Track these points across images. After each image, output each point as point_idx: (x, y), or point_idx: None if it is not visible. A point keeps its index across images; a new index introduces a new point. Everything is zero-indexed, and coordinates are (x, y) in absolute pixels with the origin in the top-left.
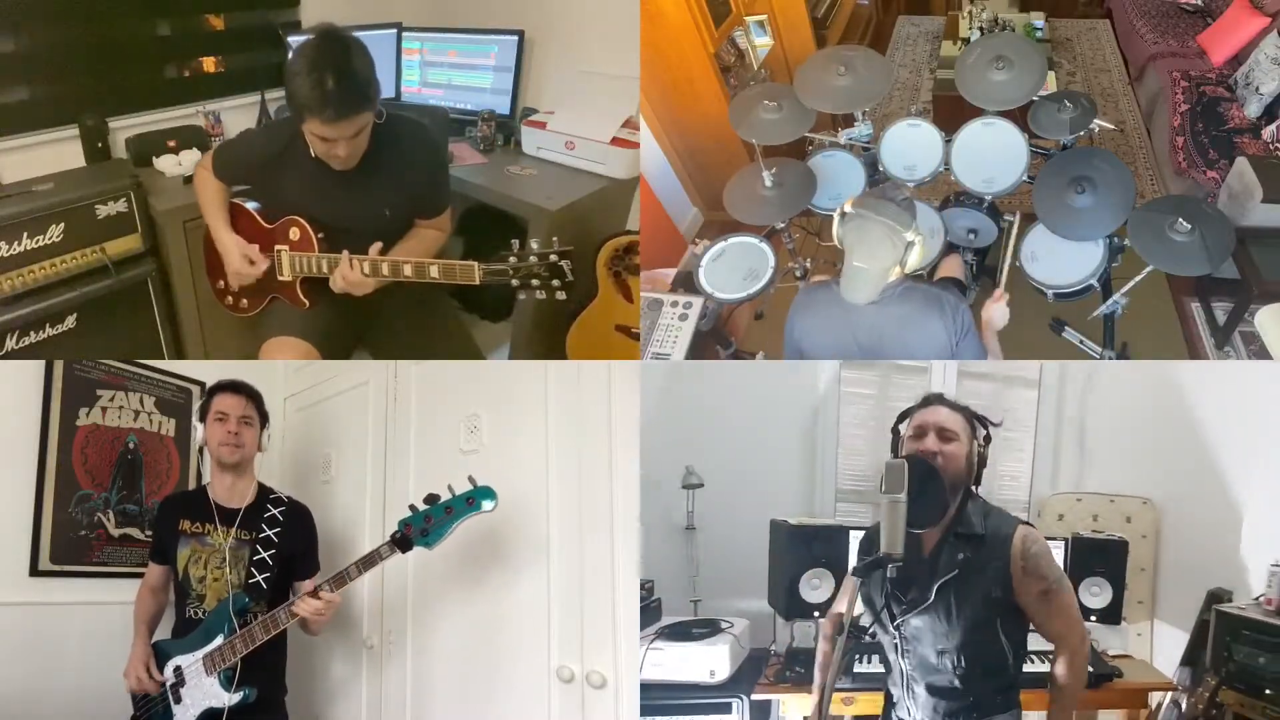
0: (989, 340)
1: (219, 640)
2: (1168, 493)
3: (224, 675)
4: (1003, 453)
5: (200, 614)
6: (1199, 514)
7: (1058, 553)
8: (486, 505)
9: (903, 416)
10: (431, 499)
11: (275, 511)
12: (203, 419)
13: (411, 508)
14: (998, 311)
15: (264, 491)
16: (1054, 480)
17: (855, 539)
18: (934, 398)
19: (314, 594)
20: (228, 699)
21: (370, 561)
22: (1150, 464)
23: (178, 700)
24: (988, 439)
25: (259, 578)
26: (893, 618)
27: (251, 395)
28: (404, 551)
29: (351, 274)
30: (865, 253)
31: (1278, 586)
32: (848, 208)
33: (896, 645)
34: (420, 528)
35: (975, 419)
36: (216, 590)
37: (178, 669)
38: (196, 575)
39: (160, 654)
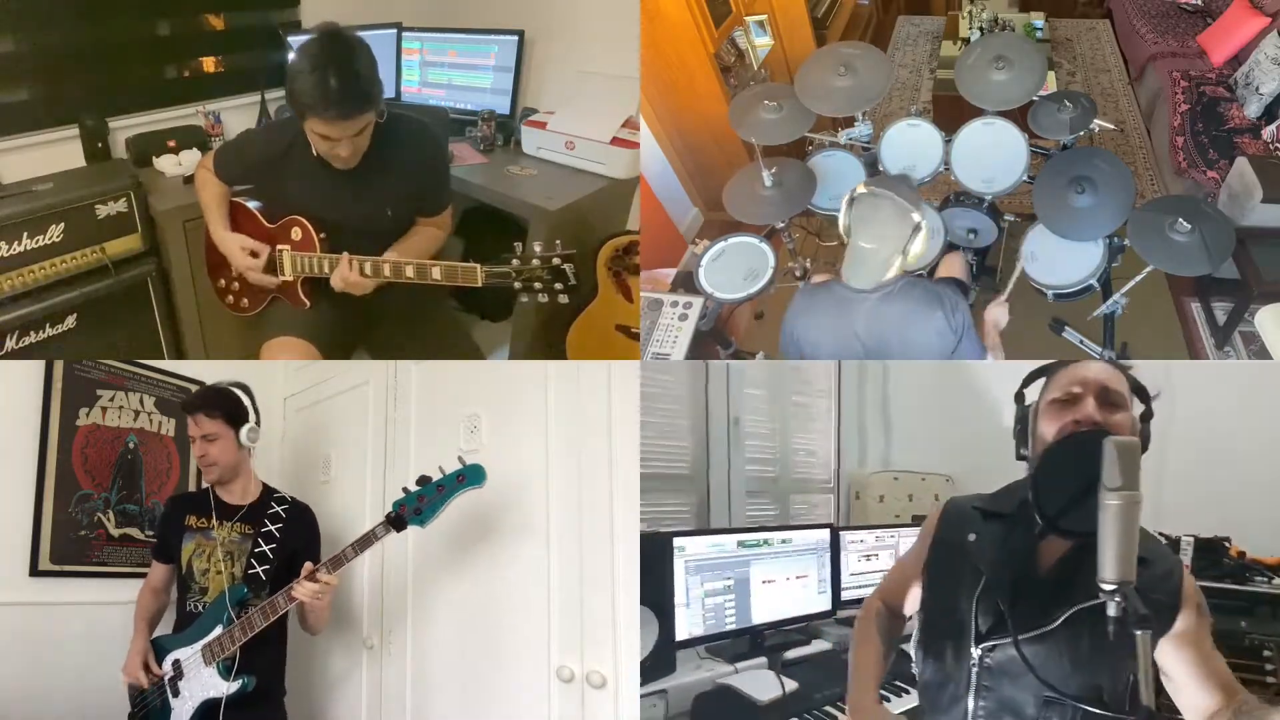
0: (991, 340)
1: (218, 630)
2: (966, 469)
3: (222, 664)
4: (797, 422)
5: (201, 607)
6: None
7: None
8: (475, 479)
9: (1035, 376)
10: (423, 480)
11: (278, 509)
12: None
13: (404, 490)
14: (1002, 312)
15: (268, 490)
16: (862, 457)
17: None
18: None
19: (311, 577)
20: (226, 688)
21: (366, 542)
22: (948, 440)
23: (175, 694)
24: (1148, 414)
25: (259, 569)
26: (978, 638)
27: (211, 408)
28: (398, 530)
29: (351, 274)
30: (873, 232)
31: None
32: (860, 189)
33: (969, 678)
34: (414, 507)
35: (1137, 387)
36: (218, 583)
37: (176, 662)
38: (200, 568)
39: (158, 650)
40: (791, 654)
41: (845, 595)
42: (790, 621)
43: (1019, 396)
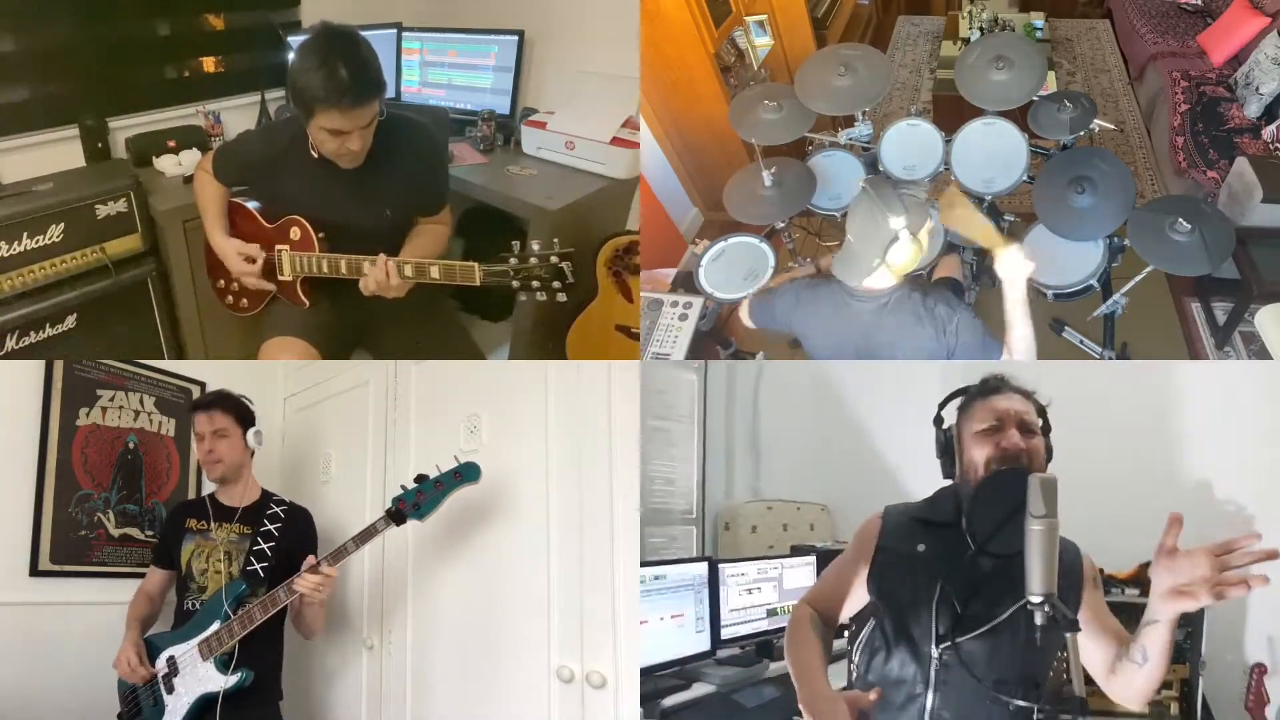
0: (1015, 332)
1: (215, 626)
2: (839, 497)
3: (220, 659)
4: (655, 447)
5: (198, 605)
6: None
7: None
8: (470, 476)
9: (949, 400)
10: (421, 479)
11: (277, 510)
12: None
13: (403, 487)
14: (1011, 263)
15: (267, 494)
16: (729, 487)
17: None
18: (998, 381)
19: (313, 569)
20: (223, 681)
21: (367, 535)
22: (820, 468)
23: (170, 690)
24: (1047, 428)
25: (257, 566)
26: (938, 639)
27: (224, 406)
28: (398, 524)
29: (391, 279)
30: (857, 229)
31: None
32: (860, 182)
33: (928, 676)
34: (412, 502)
35: (1040, 409)
36: (217, 582)
37: (171, 659)
38: (199, 568)
39: (152, 648)
40: (670, 701)
41: (726, 634)
42: (666, 666)
43: (938, 420)
